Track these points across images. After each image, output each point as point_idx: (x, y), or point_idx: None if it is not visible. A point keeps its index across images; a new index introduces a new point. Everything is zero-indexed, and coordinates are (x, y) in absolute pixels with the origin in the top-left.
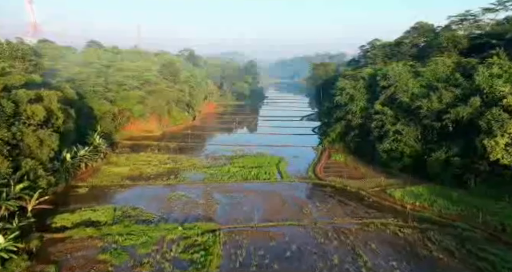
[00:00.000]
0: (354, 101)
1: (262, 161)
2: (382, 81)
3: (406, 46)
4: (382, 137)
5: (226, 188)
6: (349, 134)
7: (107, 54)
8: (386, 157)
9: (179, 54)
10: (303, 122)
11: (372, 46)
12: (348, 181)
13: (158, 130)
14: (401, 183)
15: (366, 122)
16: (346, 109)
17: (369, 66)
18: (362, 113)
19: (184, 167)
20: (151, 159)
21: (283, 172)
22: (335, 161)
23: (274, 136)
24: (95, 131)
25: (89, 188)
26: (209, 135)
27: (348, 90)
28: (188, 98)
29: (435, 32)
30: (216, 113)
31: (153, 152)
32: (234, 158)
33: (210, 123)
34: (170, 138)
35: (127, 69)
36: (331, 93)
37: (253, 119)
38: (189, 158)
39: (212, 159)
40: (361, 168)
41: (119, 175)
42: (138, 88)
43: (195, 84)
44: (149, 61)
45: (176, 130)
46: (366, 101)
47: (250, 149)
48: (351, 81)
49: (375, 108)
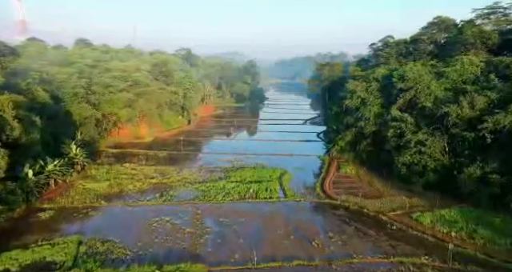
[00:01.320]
0: (366, 105)
1: (262, 174)
2: (399, 83)
3: (424, 43)
4: (400, 147)
5: (220, 210)
6: (360, 142)
7: (95, 53)
8: (405, 171)
9: (176, 53)
10: (306, 126)
11: (384, 43)
12: (364, 201)
13: (149, 135)
14: (427, 204)
15: (381, 129)
16: (358, 114)
17: (381, 66)
18: (376, 119)
19: (173, 182)
20: (136, 172)
21: (287, 189)
22: (345, 174)
23: (276, 143)
24: (74, 139)
25: (55, 211)
26: (204, 142)
27: (359, 92)
28: (182, 101)
29: (458, 27)
30: (213, 116)
31: (139, 163)
32: (231, 171)
33: (207, 127)
34: (161, 146)
35: (115, 69)
36: (339, 95)
37: (252, 123)
38: (179, 170)
39: (206, 172)
40: (376, 183)
41: (95, 193)
42: (126, 90)
43: (191, 85)
44: (142, 60)
45: (169, 135)
46: (380, 105)
47: (249, 158)
48: (362, 82)
49: (392, 114)
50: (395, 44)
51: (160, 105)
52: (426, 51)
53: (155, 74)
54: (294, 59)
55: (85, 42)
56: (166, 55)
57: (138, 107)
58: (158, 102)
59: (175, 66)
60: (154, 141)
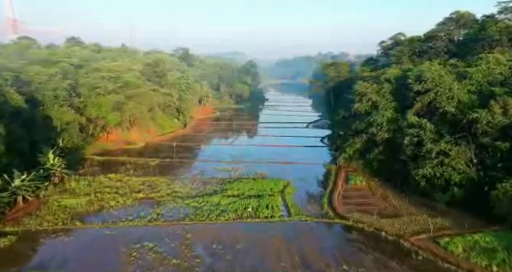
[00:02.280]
0: (378, 109)
1: (262, 186)
2: (416, 84)
3: (441, 40)
4: (417, 157)
5: (214, 233)
6: (371, 150)
7: (85, 52)
8: (425, 184)
9: (173, 53)
10: (309, 129)
11: (394, 41)
12: (379, 220)
13: (140, 141)
14: (454, 226)
15: (396, 136)
16: (369, 119)
17: (393, 66)
18: (389, 125)
19: (161, 197)
20: (121, 185)
21: (290, 205)
22: (356, 186)
23: (277, 148)
24: (55, 147)
25: (17, 236)
26: (200, 147)
27: (370, 95)
28: (177, 103)
29: (479, 23)
30: (211, 118)
31: (126, 173)
32: (228, 183)
33: (204, 131)
34: (153, 152)
35: (104, 69)
36: (346, 98)
37: (252, 126)
38: (170, 182)
39: (200, 184)
40: (391, 198)
41: (71, 211)
42: (116, 92)
43: (187, 86)
44: (136, 60)
45: (162, 140)
46: (393, 110)
47: (248, 167)
48: (373, 84)
49: (409, 120)
50: (408, 42)
51: (152, 107)
52: (442, 49)
53: (148, 75)
54: (295, 59)
55: (76, 40)
56: (162, 55)
57: (128, 110)
58: (151, 104)
59: (171, 65)
60: (145, 147)
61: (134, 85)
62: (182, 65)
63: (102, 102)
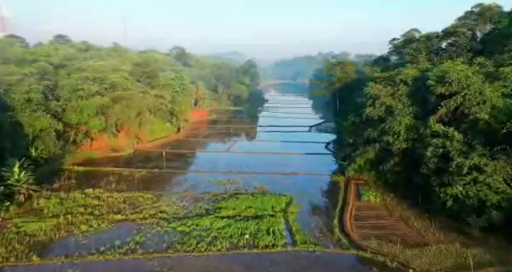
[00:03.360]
0: (393, 115)
1: (261, 204)
2: (439, 87)
3: (464, 36)
4: (441, 171)
5: (202, 269)
6: (385, 161)
7: (70, 51)
8: (452, 203)
9: (169, 52)
10: (311, 133)
11: (407, 39)
12: (404, 251)
13: (128, 147)
14: (495, 259)
15: (415, 146)
16: (384, 126)
17: (407, 66)
18: (407, 133)
19: (144, 219)
20: (98, 203)
21: (295, 230)
22: (369, 203)
23: (278, 156)
24: (24, 158)
25: None
26: (194, 154)
27: (383, 98)
28: (170, 106)
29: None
30: (207, 121)
31: (107, 187)
32: (222, 199)
33: (199, 136)
34: (141, 161)
35: (89, 69)
36: (355, 101)
37: (251, 130)
38: (156, 198)
39: (190, 201)
40: (413, 219)
41: (30, 239)
42: (101, 94)
43: (181, 87)
44: (127, 59)
45: (153, 146)
46: (412, 115)
47: (245, 179)
48: (386, 86)
49: (432, 128)
50: (425, 38)
51: (142, 111)
52: (465, 47)
53: (137, 75)
54: (295, 59)
55: (64, 38)
56: (156, 54)
57: (114, 114)
58: (140, 107)
59: (165, 65)
60: (133, 154)
61: (121, 86)
62: (177, 65)
63: (85, 105)
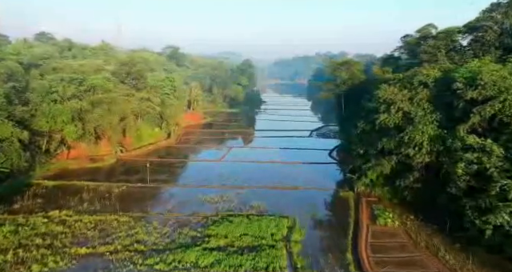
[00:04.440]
0: (413, 123)
1: (259, 229)
2: (469, 90)
3: (492, 32)
4: (474, 191)
5: None
6: (403, 176)
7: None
8: (492, 232)
9: (162, 51)
10: (313, 138)
11: (422, 35)
12: None
13: (111, 156)
14: None
15: (441, 160)
16: (404, 137)
17: (425, 66)
18: (431, 145)
19: (114, 253)
20: (62, 229)
21: (301, 266)
22: (386, 228)
23: (277, 166)
24: None
25: None
26: (184, 164)
27: (400, 103)
28: (159, 109)
29: None
30: (201, 125)
31: (78, 207)
32: (213, 223)
33: (191, 141)
34: (124, 172)
35: (67, 69)
36: (366, 106)
37: (247, 135)
38: (134, 222)
39: (174, 225)
40: (443, 251)
41: None
42: (78, 97)
43: (172, 89)
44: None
45: (138, 155)
46: (436, 124)
47: (240, 195)
48: (402, 89)
49: (464, 139)
50: (444, 34)
51: (126, 115)
52: (493, 43)
53: (121, 76)
54: (293, 59)
55: (47, 36)
56: (149, 53)
57: (93, 120)
58: (123, 111)
59: (158, 65)
60: (115, 164)
61: (102, 88)
62: (171, 64)
63: (58, 110)
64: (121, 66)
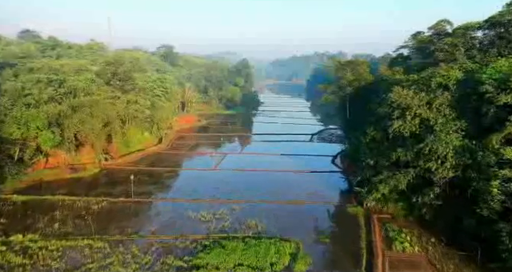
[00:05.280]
0: (434, 132)
1: (257, 257)
2: (503, 95)
3: None
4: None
5: None
6: (421, 191)
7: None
8: None
9: (156, 51)
10: (313, 143)
11: (436, 32)
12: None
13: (94, 165)
14: None
15: (468, 176)
16: (424, 148)
17: (441, 66)
18: (457, 158)
19: None
20: (21, 261)
21: None
22: (405, 254)
23: (275, 175)
24: None
25: None
26: (174, 173)
27: (416, 109)
28: (149, 112)
29: None
30: (195, 128)
31: (47, 230)
32: (203, 249)
33: (183, 147)
34: (106, 184)
35: (45, 69)
36: (376, 111)
37: (244, 139)
38: (111, 249)
39: (158, 252)
40: None
41: None
42: (57, 100)
43: (164, 90)
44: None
45: (126, 162)
46: (460, 133)
47: (235, 212)
48: (418, 92)
49: (499, 152)
50: (463, 30)
51: (111, 120)
52: None
53: (107, 77)
54: (291, 59)
55: (31, 34)
56: (141, 52)
57: (72, 126)
58: (107, 116)
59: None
60: (98, 174)
61: (83, 91)
62: (164, 64)
63: (32, 115)
64: (106, 65)
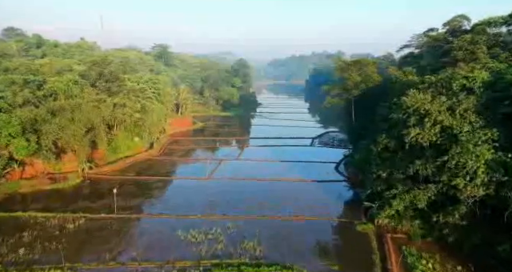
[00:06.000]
0: (460, 142)
1: None
2: None
3: None
4: None
5: None
6: (444, 210)
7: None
8: None
9: (150, 50)
10: (314, 147)
11: (452, 29)
12: None
13: (77, 175)
14: None
15: (505, 195)
16: (448, 162)
17: (461, 66)
18: (489, 173)
19: None
20: None
21: None
22: None
23: (275, 184)
24: None
25: None
26: (164, 183)
27: (437, 115)
28: (138, 116)
29: None
30: (190, 132)
31: (7, 258)
32: None
33: (176, 153)
34: (87, 196)
35: (22, 69)
36: (384, 115)
37: (241, 143)
38: None
39: None
40: None
41: None
42: (33, 104)
43: (155, 92)
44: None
45: (113, 170)
46: (491, 144)
47: (230, 231)
48: (437, 95)
49: None
50: (484, 26)
51: (95, 125)
52: None
53: (92, 78)
54: (288, 59)
55: (15, 32)
56: (134, 52)
57: (52, 132)
58: (91, 120)
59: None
60: (80, 185)
61: (64, 93)
62: (159, 64)
63: (3, 121)
64: (92, 66)
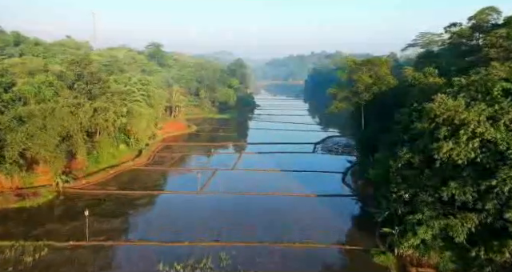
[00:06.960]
0: (509, 163)
1: None
2: None
3: None
4: None
5: None
6: (488, 245)
7: None
8: None
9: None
10: (318, 154)
11: (478, 24)
12: None
13: (50, 189)
14: None
15: None
16: (496, 187)
17: (494, 65)
18: None
19: None
20: None
21: None
22: None
23: (275, 198)
24: None
25: None
26: (148, 200)
27: (475, 126)
28: (123, 121)
29: None
30: (184, 136)
31: None
32: None
33: (166, 161)
34: (58, 217)
35: None
36: (409, 126)
37: (238, 150)
38: None
39: None
40: None
41: None
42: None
43: (145, 95)
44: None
45: (93, 183)
46: None
47: (223, 263)
48: (470, 101)
49: None
50: None
51: (72, 133)
52: None
53: (70, 80)
54: (287, 59)
55: None
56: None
57: (18, 141)
58: (66, 127)
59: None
60: (53, 202)
61: (35, 97)
62: (152, 64)
63: None
64: (69, 65)
